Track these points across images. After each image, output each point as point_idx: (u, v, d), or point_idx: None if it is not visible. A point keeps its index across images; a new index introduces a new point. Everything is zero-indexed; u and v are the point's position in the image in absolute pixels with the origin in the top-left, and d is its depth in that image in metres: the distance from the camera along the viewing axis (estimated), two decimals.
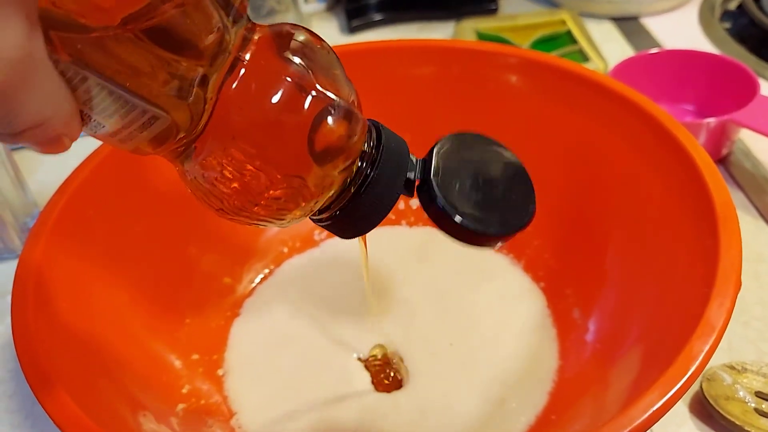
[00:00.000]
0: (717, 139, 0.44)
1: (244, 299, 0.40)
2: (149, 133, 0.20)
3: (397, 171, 0.23)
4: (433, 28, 0.63)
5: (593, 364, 0.32)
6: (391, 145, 0.23)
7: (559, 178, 0.39)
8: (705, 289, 0.25)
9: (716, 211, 0.28)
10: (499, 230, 0.23)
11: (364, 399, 0.34)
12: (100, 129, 0.20)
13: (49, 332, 0.28)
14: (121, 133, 0.20)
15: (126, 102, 0.19)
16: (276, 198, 0.21)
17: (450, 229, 0.23)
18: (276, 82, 0.20)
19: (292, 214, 0.22)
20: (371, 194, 0.22)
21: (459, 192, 0.23)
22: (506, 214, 0.24)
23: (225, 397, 0.35)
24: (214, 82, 0.20)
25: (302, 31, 0.22)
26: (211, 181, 0.21)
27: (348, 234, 0.24)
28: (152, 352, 0.34)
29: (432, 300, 0.38)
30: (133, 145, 0.20)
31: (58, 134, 0.18)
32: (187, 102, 0.20)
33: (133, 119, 0.19)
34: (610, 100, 0.35)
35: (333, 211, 0.23)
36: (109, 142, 0.21)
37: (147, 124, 0.20)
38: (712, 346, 0.23)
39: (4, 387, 0.37)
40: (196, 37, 0.19)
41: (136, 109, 0.19)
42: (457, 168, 0.24)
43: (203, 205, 0.22)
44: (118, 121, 0.19)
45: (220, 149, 0.20)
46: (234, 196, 0.21)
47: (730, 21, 0.61)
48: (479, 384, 0.34)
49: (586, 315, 0.35)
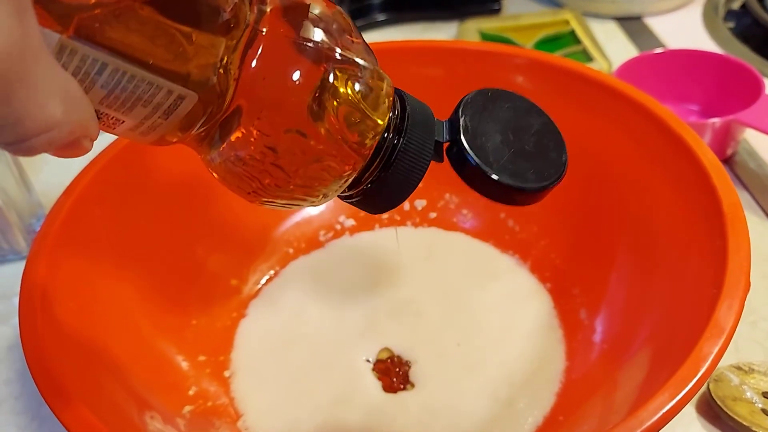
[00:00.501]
0: (722, 139, 0.44)
1: (250, 300, 0.40)
2: (175, 117, 0.19)
3: (425, 136, 0.22)
4: (436, 28, 0.63)
5: (601, 365, 0.32)
6: (416, 110, 0.23)
7: (566, 178, 0.39)
8: (714, 290, 0.25)
9: (724, 212, 0.28)
10: (536, 184, 0.23)
11: (371, 400, 0.34)
12: (119, 125, 0.19)
13: (57, 334, 0.28)
14: (143, 124, 0.19)
15: (149, 85, 0.18)
16: (309, 175, 0.21)
17: (485, 188, 0.22)
18: (298, 52, 0.20)
19: (327, 188, 0.21)
20: (402, 163, 0.22)
21: (491, 149, 0.22)
22: (540, 167, 0.23)
23: (232, 399, 0.35)
24: (236, 56, 0.19)
25: (319, 1, 0.21)
26: (243, 161, 0.20)
27: (379, 208, 0.24)
28: (159, 353, 0.34)
29: (439, 301, 0.38)
30: (157, 135, 0.19)
31: (76, 138, 0.17)
32: (212, 76, 0.19)
33: (157, 105, 0.18)
34: (616, 101, 0.35)
35: (364, 184, 0.23)
36: (128, 136, 0.20)
37: (172, 108, 0.19)
38: (722, 348, 0.23)
39: (10, 388, 0.37)
40: (214, 8, 0.18)
41: (160, 92, 0.18)
42: (485, 125, 0.23)
43: (234, 189, 0.21)
44: (139, 111, 0.18)
45: (248, 126, 0.20)
46: (267, 175, 0.20)
47: (734, 20, 0.61)
48: (487, 385, 0.34)
49: (593, 316, 0.35)
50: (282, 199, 0.22)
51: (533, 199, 0.23)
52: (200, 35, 0.18)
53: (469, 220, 0.43)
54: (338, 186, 0.22)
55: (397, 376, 0.35)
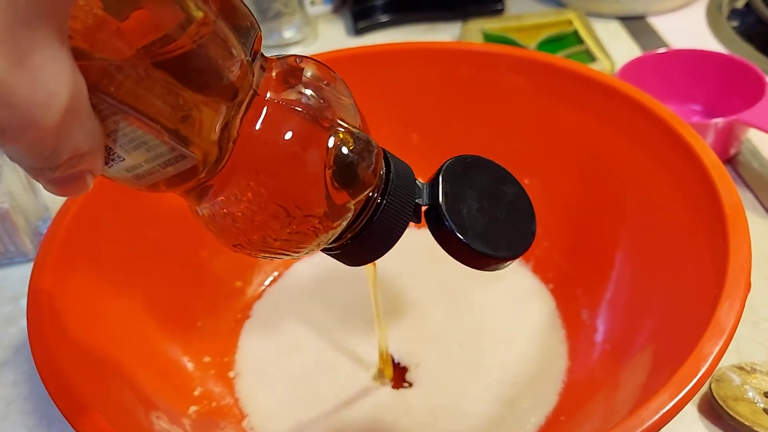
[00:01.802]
0: (725, 139, 0.44)
1: (254, 301, 0.40)
2: (174, 170, 0.19)
3: (406, 197, 0.23)
4: (439, 29, 0.63)
5: (603, 364, 0.32)
6: (399, 172, 0.23)
7: (568, 179, 0.39)
8: (715, 290, 0.25)
9: (725, 213, 0.28)
10: (507, 253, 0.24)
11: (374, 401, 0.34)
12: (117, 163, 0.19)
13: (64, 335, 0.29)
14: (142, 168, 0.19)
15: (156, 138, 0.18)
16: (297, 232, 0.21)
17: (458, 252, 0.23)
18: (296, 118, 0.20)
19: (310, 246, 0.22)
20: (383, 222, 0.23)
21: (467, 216, 0.23)
22: (512, 236, 0.24)
23: (236, 399, 0.35)
24: (237, 118, 0.20)
25: (311, 63, 0.22)
26: (231, 218, 0.21)
27: (356, 262, 0.24)
28: (164, 355, 0.34)
29: (441, 302, 0.38)
30: (152, 181, 0.20)
31: (83, 171, 0.18)
32: (214, 140, 0.19)
33: (159, 155, 0.19)
34: (617, 102, 0.35)
35: (344, 240, 0.23)
36: (123, 177, 0.20)
37: (172, 162, 0.19)
38: (722, 348, 0.23)
39: (19, 389, 0.38)
40: (222, 73, 0.19)
41: (163, 146, 0.19)
42: (463, 192, 0.24)
43: (219, 240, 0.22)
44: (141, 154, 0.19)
45: (243, 186, 0.20)
46: (254, 231, 0.21)
47: (738, 19, 0.61)
48: (489, 385, 0.34)
49: (595, 316, 0.35)
50: (266, 252, 0.22)
51: (503, 266, 0.24)
52: (207, 99, 0.19)
53: None
54: (322, 242, 0.22)
55: (395, 367, 0.35)
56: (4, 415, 0.36)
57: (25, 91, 0.15)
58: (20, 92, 0.15)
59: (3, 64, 0.15)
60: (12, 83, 0.15)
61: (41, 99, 0.16)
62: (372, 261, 0.24)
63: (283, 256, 0.22)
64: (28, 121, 0.16)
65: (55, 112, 0.16)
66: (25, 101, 0.15)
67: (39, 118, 0.16)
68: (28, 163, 0.17)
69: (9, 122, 0.16)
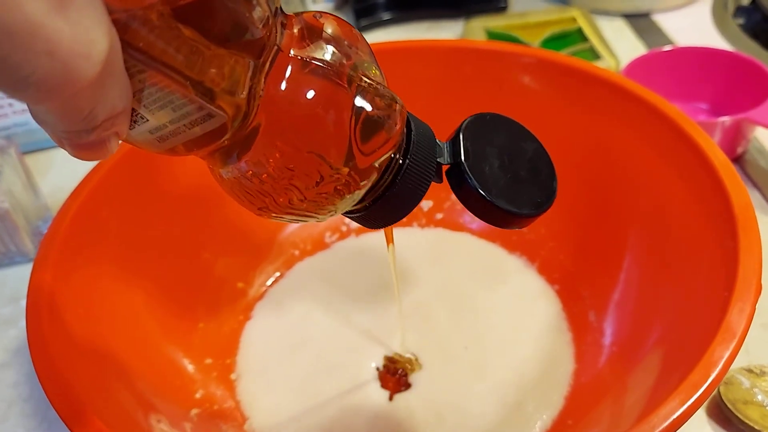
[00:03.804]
0: (732, 137, 0.44)
1: (256, 302, 0.40)
2: (200, 130, 0.19)
3: (428, 157, 0.23)
4: (442, 26, 0.62)
5: (610, 368, 0.32)
6: (420, 131, 0.23)
7: (573, 178, 0.38)
8: (725, 292, 0.25)
9: (735, 214, 0.27)
10: (531, 211, 0.23)
11: (378, 403, 0.34)
12: (141, 124, 0.19)
13: (64, 337, 0.28)
14: (166, 128, 0.19)
15: (183, 96, 0.18)
16: (323, 193, 0.21)
17: (482, 210, 0.23)
18: (320, 76, 0.20)
19: (335, 207, 0.22)
20: (405, 183, 0.22)
21: (489, 174, 0.23)
22: (534, 194, 0.24)
23: (238, 402, 0.34)
24: (262, 76, 0.19)
25: (331, 20, 0.22)
26: (260, 179, 0.20)
27: (379, 224, 0.24)
28: (166, 357, 0.34)
29: (446, 303, 0.38)
30: (174, 143, 0.19)
31: (111, 133, 0.17)
32: (241, 97, 0.19)
33: (186, 114, 0.18)
34: (625, 100, 0.35)
35: (367, 202, 0.23)
36: (145, 140, 0.19)
37: (198, 122, 0.19)
38: (733, 352, 0.23)
39: (19, 390, 0.37)
40: (248, 28, 0.18)
41: (191, 105, 0.18)
42: (484, 150, 0.24)
43: (244, 204, 0.22)
44: (167, 114, 0.18)
45: (269, 147, 0.20)
46: (280, 193, 0.21)
47: (744, 17, 0.61)
48: (494, 388, 0.33)
49: (602, 318, 0.35)
50: (292, 215, 0.22)
51: (525, 224, 0.24)
52: (233, 54, 0.18)
53: (476, 220, 0.42)
54: (347, 203, 0.22)
55: (396, 380, 0.34)
56: (4, 417, 0.36)
57: (66, 38, 0.14)
58: (62, 39, 0.14)
59: (43, 7, 0.14)
60: (53, 28, 0.14)
61: (83, 48, 0.15)
62: (393, 222, 0.24)
63: (308, 218, 0.22)
64: (69, 72, 0.15)
65: (96, 63, 0.15)
66: (66, 49, 0.14)
67: (81, 68, 0.15)
68: (64, 126, 0.16)
69: (50, 73, 0.14)
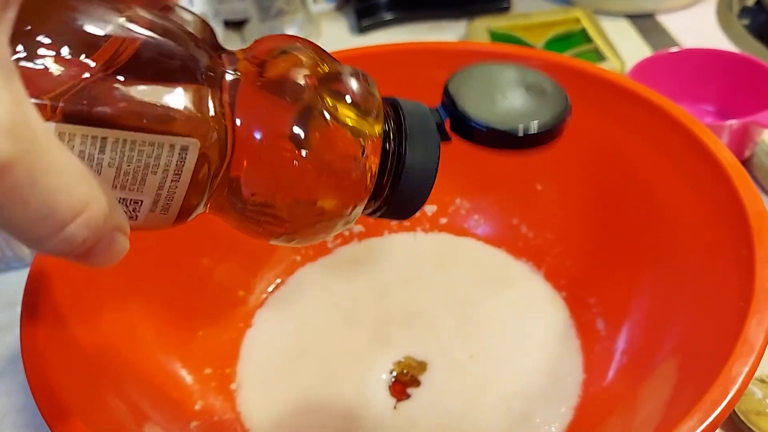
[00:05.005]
0: (740, 140, 0.43)
1: (257, 309, 0.39)
2: (186, 175, 0.19)
3: (426, 128, 0.23)
4: (444, 27, 0.62)
5: (621, 378, 0.31)
6: (409, 109, 0.23)
7: (581, 184, 0.38)
8: (741, 303, 0.24)
9: (750, 222, 0.26)
10: (546, 126, 0.23)
11: (381, 413, 0.33)
12: (139, 209, 0.19)
13: (59, 348, 0.28)
14: (160, 197, 0.19)
15: (151, 146, 0.18)
16: (332, 207, 0.21)
17: (501, 144, 0.23)
18: (277, 94, 0.20)
19: (349, 215, 0.22)
20: (414, 166, 0.22)
21: (488, 108, 0.23)
22: (543, 113, 0.23)
23: (238, 414, 0.34)
24: (223, 102, 0.20)
25: (269, 40, 0.22)
26: (266, 209, 0.21)
27: (407, 211, 0.24)
28: (165, 367, 0.33)
29: (450, 310, 0.37)
30: (177, 206, 0.20)
31: (109, 228, 0.17)
32: (204, 119, 0.19)
33: (166, 166, 0.19)
34: (633, 104, 0.34)
35: (385, 197, 0.23)
36: (151, 221, 0.20)
37: (180, 165, 0.19)
38: (753, 367, 0.22)
39: (13, 400, 0.36)
40: (180, 60, 0.19)
41: (163, 150, 0.18)
42: (478, 92, 0.24)
43: (266, 238, 0.22)
44: (152, 181, 0.19)
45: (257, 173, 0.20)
46: (291, 219, 0.21)
47: (749, 17, 0.60)
48: (501, 398, 0.33)
49: (611, 327, 0.34)
50: (312, 236, 0.22)
51: (549, 138, 0.24)
52: (179, 86, 0.19)
53: (481, 225, 0.42)
54: (360, 208, 0.22)
55: (405, 383, 0.34)
56: None
57: None
58: None
59: None
60: None
61: None
62: (421, 205, 0.24)
63: (325, 234, 0.22)
64: None
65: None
66: None
67: None
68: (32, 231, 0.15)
69: None
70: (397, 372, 0.35)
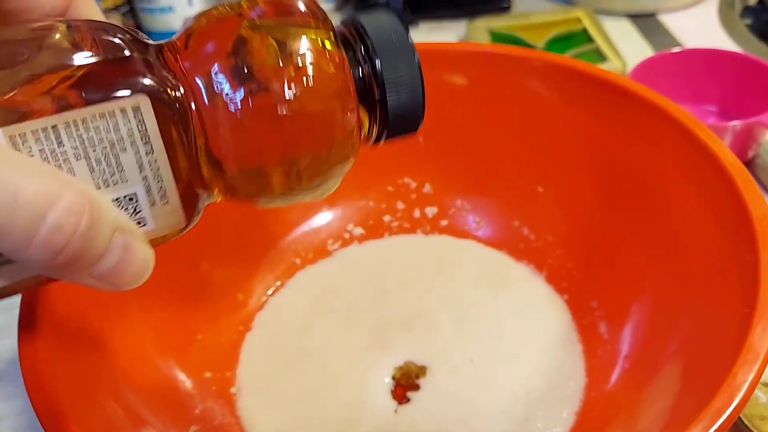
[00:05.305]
0: (743, 141, 0.43)
1: (256, 312, 0.39)
2: (157, 144, 0.19)
3: (392, 33, 0.22)
4: (445, 27, 0.61)
5: (623, 383, 0.31)
6: (369, 21, 0.23)
7: (583, 185, 0.37)
8: (745, 309, 0.24)
9: (754, 227, 0.26)
10: None
11: (381, 418, 0.33)
12: (137, 205, 0.19)
13: (56, 352, 0.27)
14: (147, 178, 0.19)
15: (102, 117, 0.18)
16: (343, 137, 0.21)
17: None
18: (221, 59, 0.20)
19: (353, 146, 0.22)
20: (395, 73, 0.22)
21: None
22: None
23: (238, 418, 0.33)
24: (157, 57, 0.20)
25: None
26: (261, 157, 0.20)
27: (411, 120, 0.23)
28: (164, 371, 0.33)
29: (451, 313, 0.37)
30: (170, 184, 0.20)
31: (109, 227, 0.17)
32: (138, 69, 0.19)
33: (130, 137, 0.18)
34: (635, 106, 0.34)
35: (382, 115, 0.22)
36: (162, 220, 0.20)
37: (143, 129, 0.19)
38: (758, 374, 0.21)
39: (12, 404, 0.36)
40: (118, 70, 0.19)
41: (118, 119, 0.18)
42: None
43: (286, 193, 0.22)
44: (128, 162, 0.19)
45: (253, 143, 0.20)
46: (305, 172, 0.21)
47: (751, 17, 0.60)
48: (502, 403, 0.32)
49: (614, 330, 0.34)
50: (332, 171, 0.22)
51: None
52: (101, 49, 0.19)
53: (482, 227, 0.41)
54: (353, 116, 0.21)
55: (405, 387, 0.34)
56: None
57: None
58: None
59: None
60: None
61: None
62: (420, 104, 0.23)
63: (345, 164, 0.22)
64: None
65: None
66: None
67: None
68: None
69: None
70: (398, 376, 0.34)
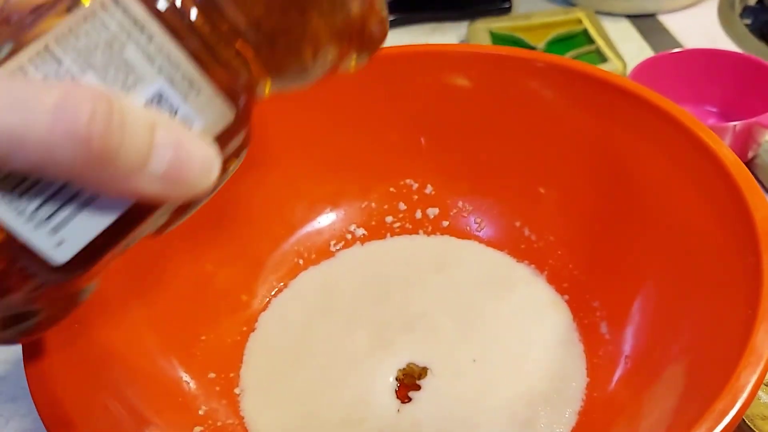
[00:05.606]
0: (743, 141, 0.43)
1: (260, 313, 0.39)
2: (151, 28, 0.18)
3: None
4: (445, 28, 0.61)
5: (625, 384, 0.31)
6: None
7: (585, 186, 0.37)
8: (748, 310, 0.24)
9: (757, 228, 0.26)
10: None
11: (384, 419, 0.33)
12: (170, 101, 0.18)
13: (61, 353, 0.28)
14: (163, 68, 0.18)
15: (85, 18, 0.17)
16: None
17: None
18: None
19: None
20: None
21: None
22: None
23: (241, 419, 0.34)
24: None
25: None
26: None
27: None
28: (167, 372, 0.33)
29: (452, 314, 0.37)
30: (189, 67, 0.18)
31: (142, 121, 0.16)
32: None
33: (122, 26, 0.18)
34: (635, 106, 0.34)
35: None
36: (207, 113, 0.19)
37: (132, 16, 0.18)
38: (761, 377, 0.22)
39: (17, 405, 0.36)
40: None
41: (98, 15, 0.18)
42: None
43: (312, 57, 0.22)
44: (135, 56, 0.18)
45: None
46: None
47: (751, 17, 0.60)
48: (504, 402, 0.32)
49: (615, 330, 0.34)
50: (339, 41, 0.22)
51: None
52: None
53: (483, 228, 0.42)
54: None
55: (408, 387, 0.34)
56: None
57: None
58: None
59: None
60: None
61: None
62: None
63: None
64: None
65: None
66: None
67: None
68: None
69: None
70: (400, 376, 0.35)
